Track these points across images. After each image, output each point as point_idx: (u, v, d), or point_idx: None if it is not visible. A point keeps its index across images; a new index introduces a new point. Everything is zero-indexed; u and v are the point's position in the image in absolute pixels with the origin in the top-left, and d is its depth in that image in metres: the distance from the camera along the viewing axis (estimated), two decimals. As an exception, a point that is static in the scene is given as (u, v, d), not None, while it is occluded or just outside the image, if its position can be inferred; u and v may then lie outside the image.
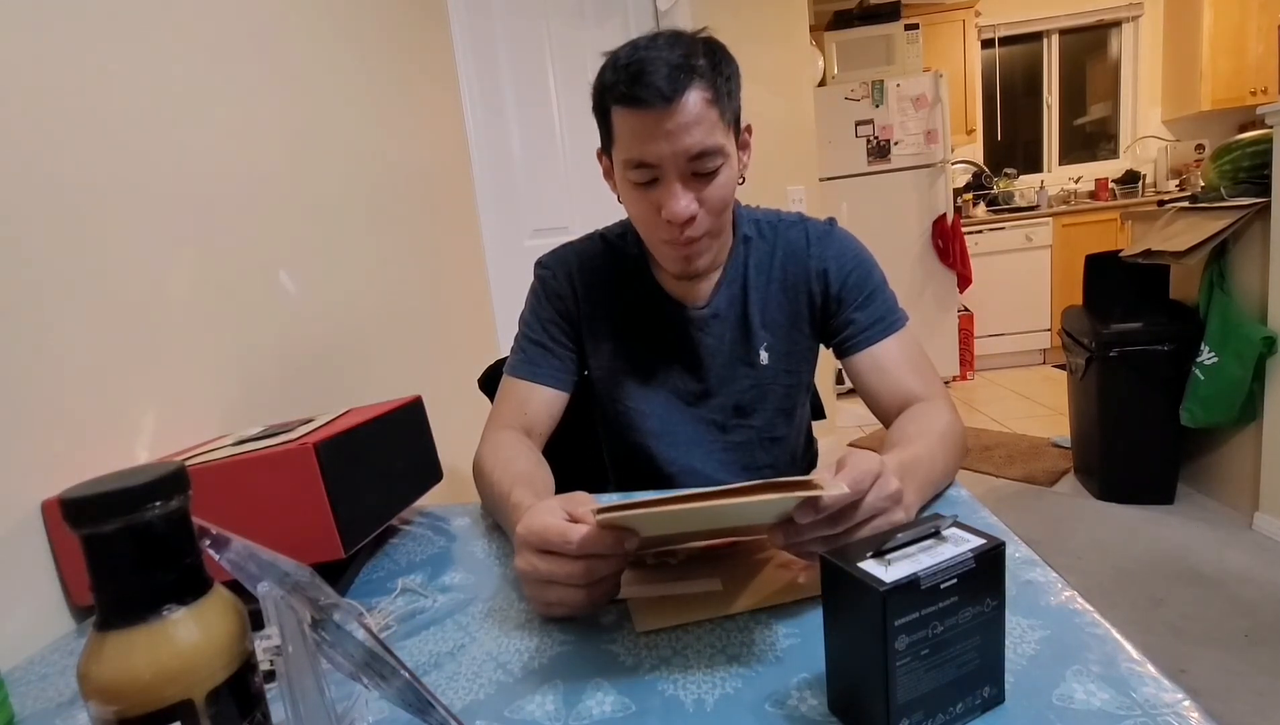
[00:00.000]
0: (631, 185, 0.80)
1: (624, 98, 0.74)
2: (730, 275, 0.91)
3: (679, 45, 0.75)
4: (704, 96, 0.74)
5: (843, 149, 3.87)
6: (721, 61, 0.78)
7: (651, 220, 0.81)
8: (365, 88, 1.42)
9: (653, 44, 0.75)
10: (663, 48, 0.74)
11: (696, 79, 0.74)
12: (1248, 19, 3.80)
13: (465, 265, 1.88)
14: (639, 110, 0.74)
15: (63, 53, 0.75)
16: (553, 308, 0.94)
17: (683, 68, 0.73)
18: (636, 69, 0.73)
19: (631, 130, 0.76)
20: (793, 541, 0.53)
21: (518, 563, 0.56)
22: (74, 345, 0.73)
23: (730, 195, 0.82)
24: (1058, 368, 4.07)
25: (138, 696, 0.31)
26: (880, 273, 0.92)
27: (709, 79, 0.75)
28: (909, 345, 0.89)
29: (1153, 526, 2.20)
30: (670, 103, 0.73)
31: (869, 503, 0.52)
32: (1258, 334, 1.94)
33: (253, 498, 0.66)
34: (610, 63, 0.77)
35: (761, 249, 0.92)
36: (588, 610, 0.57)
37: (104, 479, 0.32)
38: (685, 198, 0.77)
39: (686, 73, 0.73)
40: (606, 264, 0.94)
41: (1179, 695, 0.41)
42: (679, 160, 0.76)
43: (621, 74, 0.74)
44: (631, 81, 0.73)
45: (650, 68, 0.73)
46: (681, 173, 0.77)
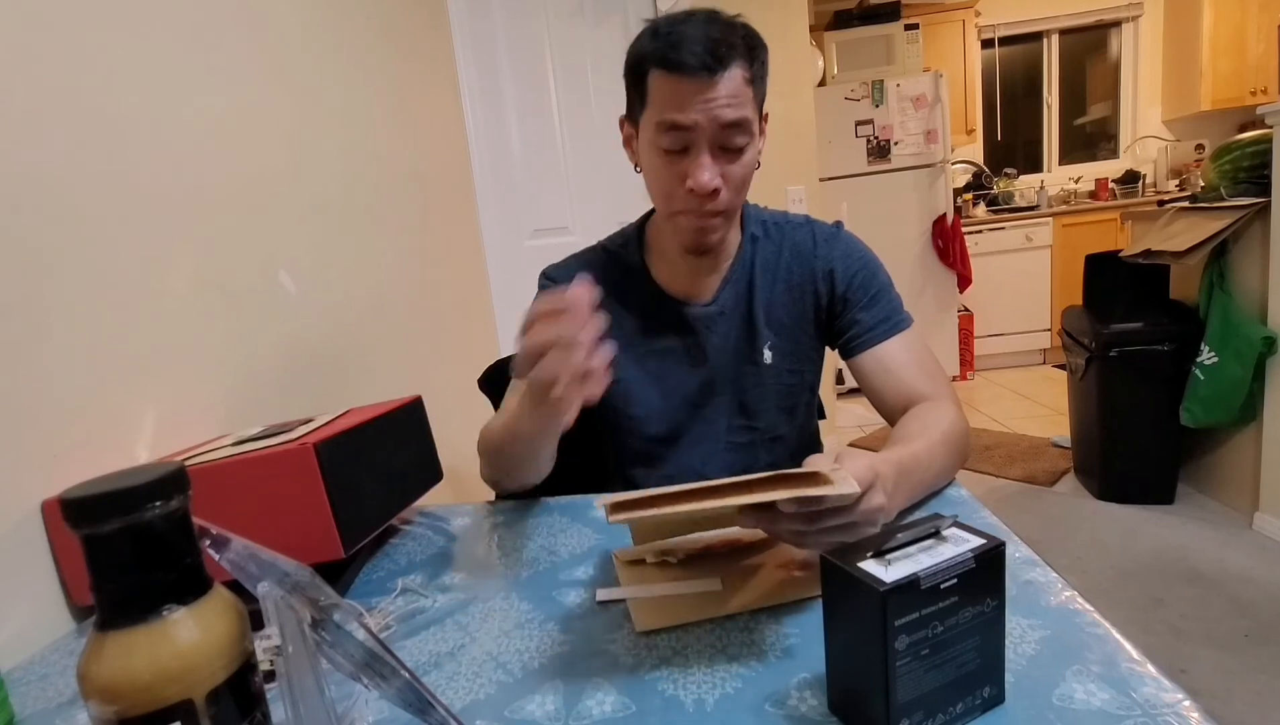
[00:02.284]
0: (659, 151, 0.80)
1: (666, 62, 0.76)
2: (736, 273, 0.92)
3: (718, 23, 0.77)
4: (744, 73, 0.77)
5: (843, 149, 3.87)
6: (757, 46, 0.80)
7: (674, 190, 0.81)
8: (365, 87, 1.42)
9: (691, 19, 0.77)
10: (704, 24, 0.76)
11: (738, 55, 0.76)
12: (1248, 19, 3.80)
13: (465, 265, 1.88)
14: (681, 76, 0.75)
15: (62, 51, 0.75)
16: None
17: (725, 43, 0.75)
18: (679, 38, 0.75)
19: (670, 94, 0.77)
20: (764, 526, 0.54)
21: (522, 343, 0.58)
22: (74, 345, 0.73)
23: (750, 176, 0.83)
24: (1058, 368, 4.07)
25: (138, 696, 0.31)
26: (886, 274, 0.93)
27: (747, 58, 0.77)
28: (915, 345, 0.89)
29: (1153, 526, 2.20)
30: (713, 74, 0.75)
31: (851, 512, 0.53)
32: (1258, 334, 1.94)
33: (253, 498, 0.66)
34: (650, 30, 0.79)
35: (768, 248, 0.93)
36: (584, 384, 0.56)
37: (104, 479, 0.32)
38: (712, 169, 0.78)
39: (729, 48, 0.75)
40: (609, 272, 0.94)
41: (1179, 695, 0.41)
42: (713, 129, 0.77)
43: (664, 40, 0.76)
44: (675, 47, 0.75)
45: (694, 37, 0.74)
46: (712, 143, 0.78)
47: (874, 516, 0.54)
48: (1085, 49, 4.68)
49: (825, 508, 0.51)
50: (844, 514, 0.52)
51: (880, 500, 0.54)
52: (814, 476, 0.49)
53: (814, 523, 0.52)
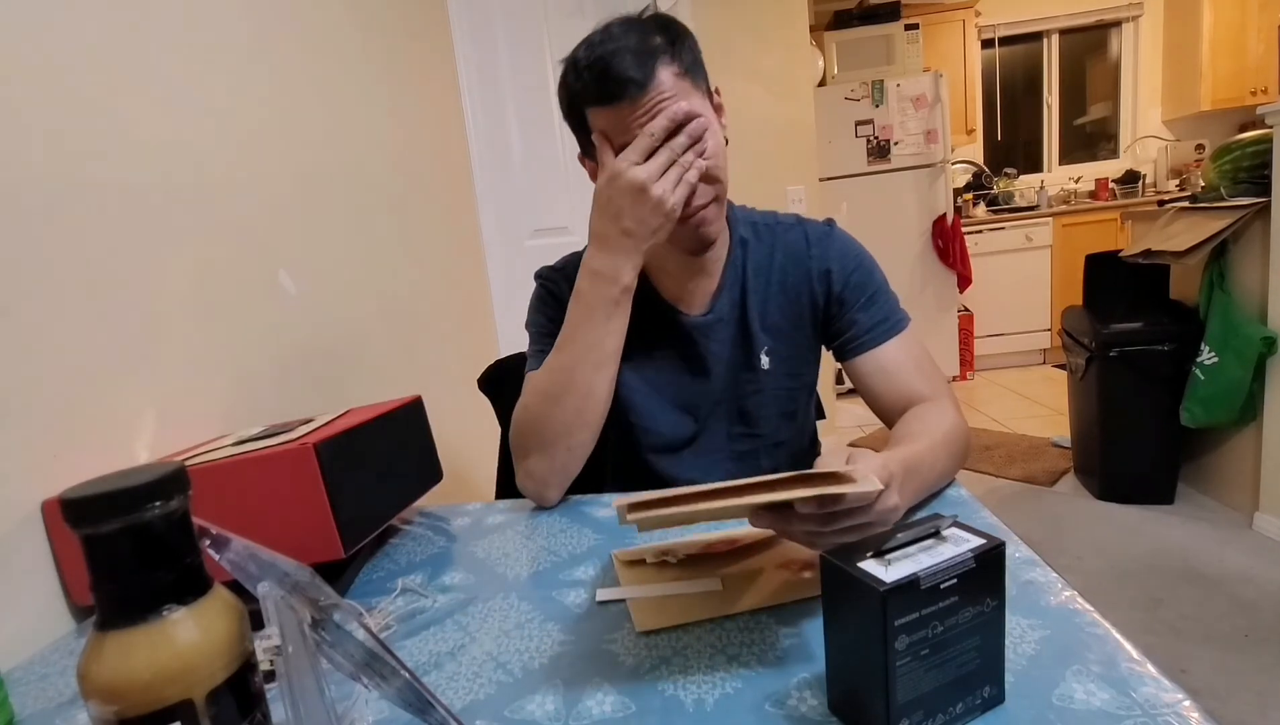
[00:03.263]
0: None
1: (599, 97, 0.76)
2: (730, 279, 0.90)
3: (633, 31, 0.76)
4: (673, 71, 0.76)
5: (843, 149, 3.87)
6: (677, 34, 0.78)
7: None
8: (365, 87, 1.42)
9: (607, 37, 0.76)
10: (619, 37, 0.75)
11: (661, 57, 0.75)
12: (1248, 19, 3.80)
13: (465, 265, 1.88)
14: (617, 105, 0.75)
15: (61, 51, 0.75)
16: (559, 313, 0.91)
17: (642, 50, 0.74)
18: (601, 67, 0.74)
19: (611, 124, 0.77)
20: (777, 527, 0.54)
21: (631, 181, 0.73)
22: (74, 345, 0.73)
23: (723, 159, 0.82)
24: (1058, 368, 4.07)
25: (138, 696, 0.31)
26: (881, 273, 0.91)
27: (671, 53, 0.76)
28: (913, 346, 0.88)
29: (1153, 526, 2.20)
30: (644, 88, 0.74)
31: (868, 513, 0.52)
32: (1258, 334, 1.94)
33: (253, 498, 0.66)
34: (571, 66, 0.78)
35: (759, 251, 0.91)
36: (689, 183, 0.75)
37: (104, 479, 0.32)
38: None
39: (648, 55, 0.74)
40: None
41: (1179, 695, 0.41)
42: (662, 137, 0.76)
43: (587, 75, 0.75)
44: (601, 80, 0.74)
45: (615, 60, 0.73)
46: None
47: (889, 516, 0.54)
48: (1085, 49, 4.68)
49: (843, 508, 0.51)
50: (861, 514, 0.52)
51: (895, 499, 0.54)
52: (833, 476, 0.48)
53: (830, 523, 0.52)
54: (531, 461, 0.84)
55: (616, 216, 0.76)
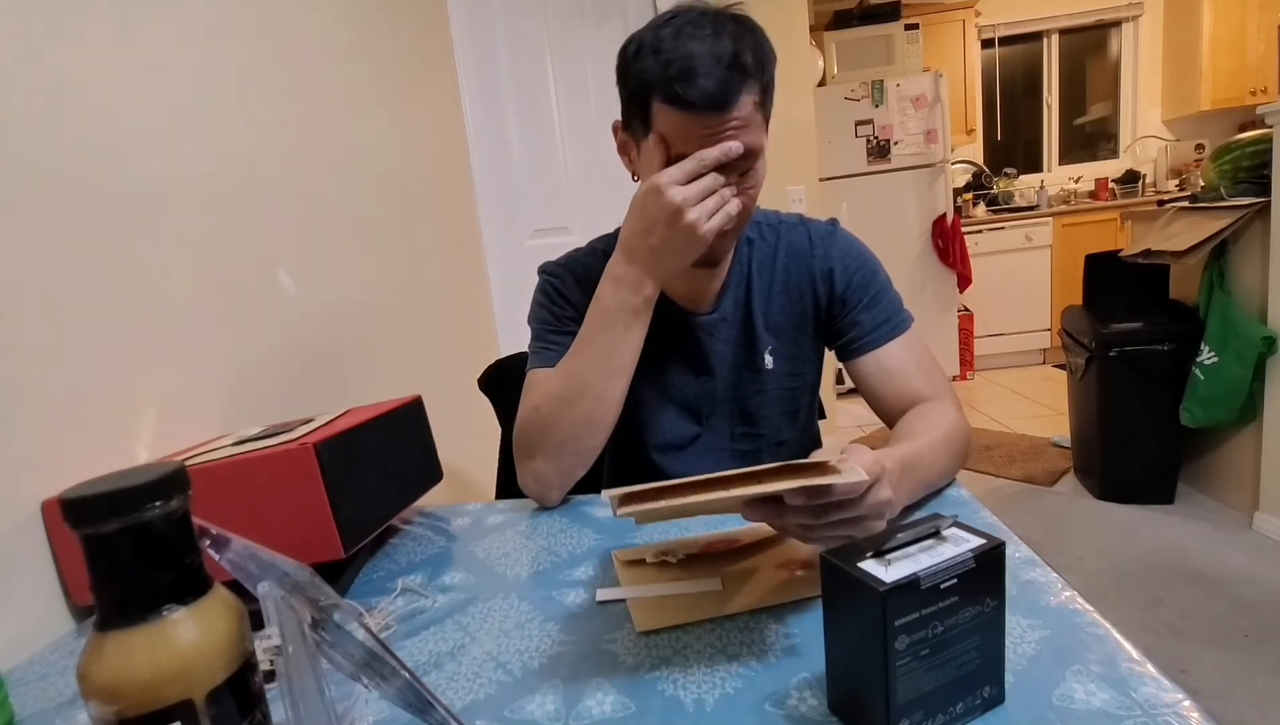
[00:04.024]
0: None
1: (674, 97, 0.71)
2: (735, 278, 0.90)
3: (725, 34, 0.71)
4: (754, 98, 0.72)
5: (843, 149, 3.87)
6: (766, 54, 0.74)
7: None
8: (364, 87, 1.42)
9: (697, 31, 0.71)
10: (709, 38, 0.70)
11: (748, 80, 0.71)
12: (1248, 19, 3.80)
13: (465, 265, 1.88)
14: (689, 112, 0.71)
15: (61, 51, 0.75)
16: (565, 309, 0.92)
17: (734, 67, 0.70)
18: (686, 65, 0.69)
19: (676, 127, 0.73)
20: (770, 520, 0.54)
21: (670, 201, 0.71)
22: (74, 345, 0.73)
23: (759, 190, 0.80)
24: (1058, 368, 4.07)
25: (138, 696, 0.31)
26: (885, 273, 0.91)
27: (757, 78, 0.72)
28: (915, 347, 0.88)
29: (1153, 526, 2.19)
30: (724, 110, 0.70)
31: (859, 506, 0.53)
32: (1258, 334, 1.94)
33: (253, 498, 0.66)
34: (650, 46, 0.72)
35: (763, 250, 0.91)
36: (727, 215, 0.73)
37: (104, 479, 0.32)
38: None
39: (739, 74, 0.70)
40: None
41: (1179, 695, 0.41)
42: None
43: (670, 68, 0.70)
44: (682, 79, 0.69)
45: (701, 66, 0.69)
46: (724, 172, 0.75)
47: (881, 509, 0.54)
48: (1085, 49, 4.68)
49: (832, 500, 0.51)
50: (851, 507, 0.52)
51: (887, 494, 0.54)
52: (820, 466, 0.48)
53: (821, 516, 0.52)
54: (537, 463, 0.83)
55: (647, 231, 0.74)
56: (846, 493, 0.51)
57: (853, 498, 0.51)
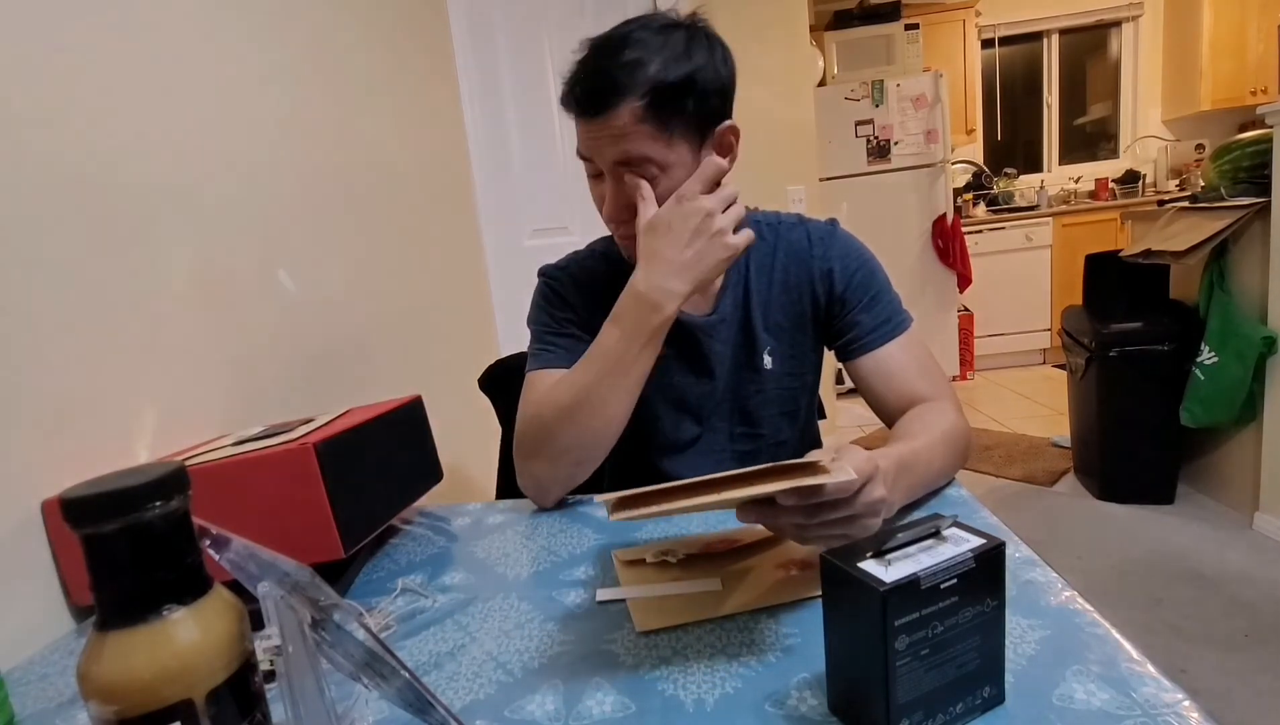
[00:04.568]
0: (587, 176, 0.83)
1: (563, 100, 0.78)
2: (734, 279, 0.90)
3: (635, 46, 0.74)
4: (634, 110, 0.73)
5: (843, 149, 3.87)
6: (679, 66, 0.74)
7: (600, 210, 0.84)
8: (365, 87, 1.42)
9: (606, 43, 0.76)
10: (614, 50, 0.74)
11: (630, 93, 0.72)
12: (1248, 19, 3.80)
13: (465, 265, 1.88)
14: (571, 113, 0.78)
15: (60, 50, 0.75)
16: (564, 311, 0.93)
17: (619, 78, 0.73)
18: (577, 74, 0.76)
19: (576, 129, 0.79)
20: (764, 521, 0.54)
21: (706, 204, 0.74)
22: (74, 345, 0.73)
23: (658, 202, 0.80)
24: (1058, 368, 4.06)
25: (138, 696, 0.31)
26: (884, 274, 0.91)
27: (646, 89, 0.72)
28: (915, 347, 0.87)
29: (1153, 526, 2.19)
30: (597, 115, 0.74)
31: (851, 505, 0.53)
32: (1258, 334, 1.94)
33: (253, 498, 0.66)
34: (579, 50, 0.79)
35: (762, 250, 0.91)
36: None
37: (104, 479, 0.32)
38: (615, 201, 0.79)
39: (620, 85, 0.73)
40: (607, 278, 0.92)
41: (1179, 695, 0.41)
42: (608, 163, 0.78)
43: (569, 73, 0.77)
44: (570, 86, 0.76)
45: (586, 75, 0.75)
46: (613, 175, 0.78)
47: (875, 508, 0.54)
48: (1085, 49, 4.68)
49: (825, 500, 0.51)
50: (844, 507, 0.52)
51: (881, 492, 0.54)
52: (811, 467, 0.49)
53: (814, 516, 0.52)
54: (537, 466, 0.83)
55: (678, 242, 0.75)
56: (837, 492, 0.51)
57: (845, 497, 0.52)
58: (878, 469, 0.54)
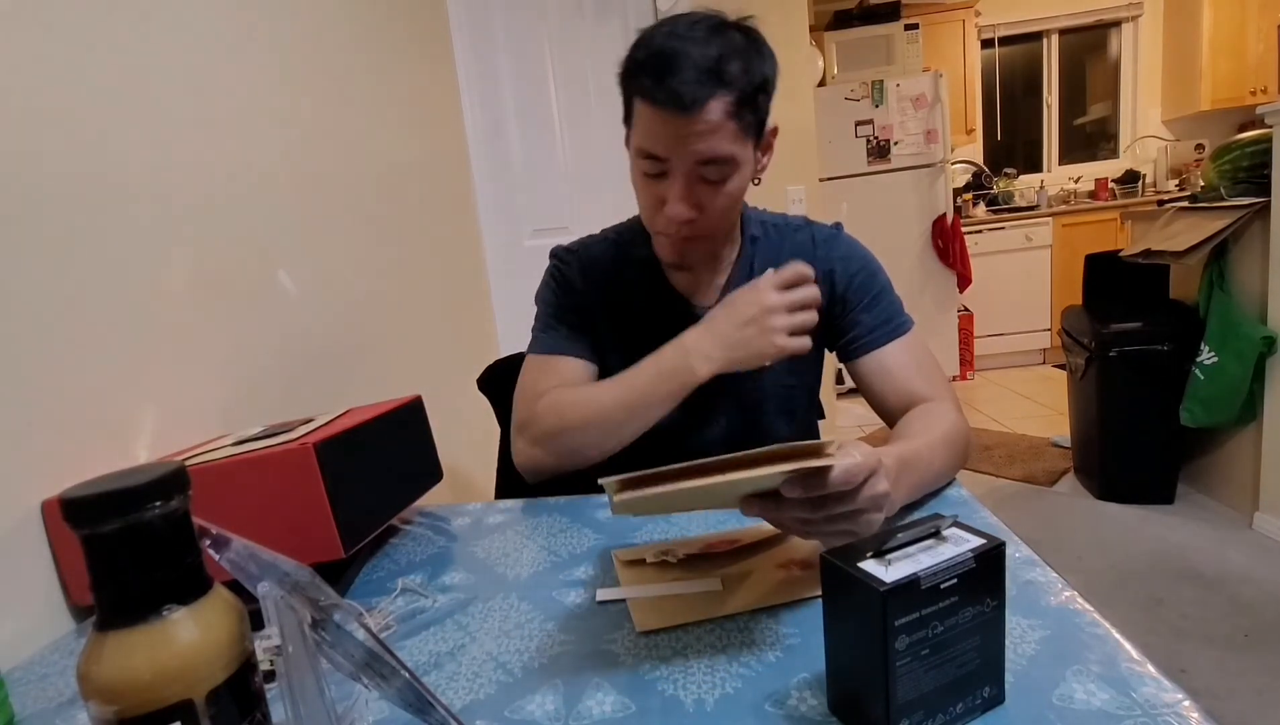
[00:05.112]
0: (640, 172, 0.80)
1: (645, 90, 0.73)
2: (739, 275, 0.91)
3: (716, 41, 0.72)
4: (726, 106, 0.72)
5: (843, 149, 3.87)
6: (756, 65, 0.75)
7: (653, 209, 0.81)
8: (365, 87, 1.42)
9: (690, 33, 0.72)
10: (699, 40, 0.72)
11: (722, 88, 0.72)
12: (1248, 19, 3.80)
13: (465, 265, 1.88)
14: (657, 108, 0.73)
15: (59, 51, 0.75)
16: (570, 296, 0.95)
17: (712, 72, 0.71)
18: (665, 63, 0.71)
19: (647, 124, 0.75)
20: (769, 516, 0.54)
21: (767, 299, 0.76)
22: (74, 345, 0.73)
23: (735, 202, 0.82)
24: (1058, 368, 4.07)
25: (138, 696, 0.31)
26: (886, 277, 0.92)
27: (738, 85, 0.73)
28: (915, 348, 0.88)
29: (1153, 526, 2.19)
30: (691, 111, 0.71)
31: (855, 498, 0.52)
32: (1258, 334, 1.94)
33: (253, 498, 0.66)
34: (644, 41, 0.75)
35: (768, 250, 0.92)
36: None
37: (104, 479, 0.32)
38: (686, 201, 0.77)
39: (714, 79, 0.71)
40: (616, 266, 0.94)
41: (1179, 695, 0.41)
42: (686, 162, 0.75)
43: (649, 64, 0.72)
44: (656, 76, 0.71)
45: (678, 65, 0.70)
46: (688, 175, 0.76)
47: (879, 502, 0.53)
48: (1085, 49, 4.68)
49: (829, 492, 0.50)
50: (848, 499, 0.52)
51: (884, 486, 0.54)
52: (815, 449, 0.48)
53: (818, 508, 0.51)
54: (538, 453, 0.86)
55: (735, 320, 0.78)
56: (842, 483, 0.50)
57: (849, 489, 0.51)
58: (881, 463, 0.54)
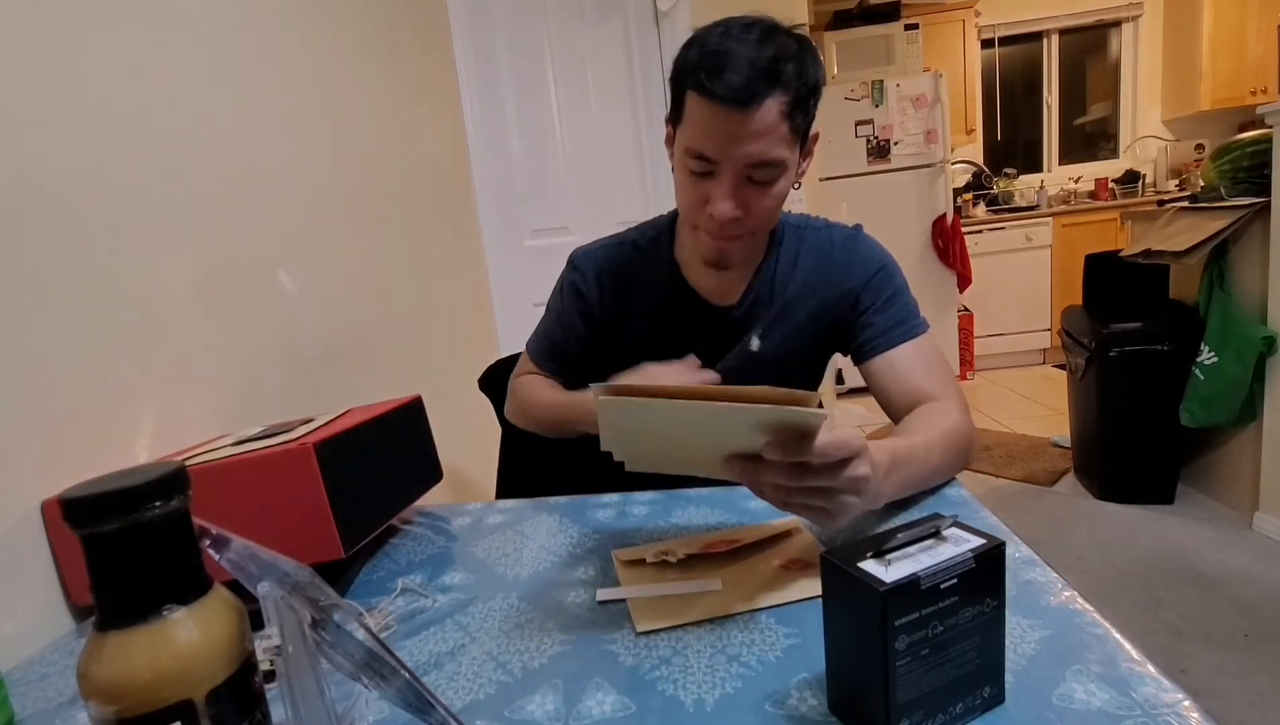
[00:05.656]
0: (686, 170, 0.80)
1: (701, 87, 0.72)
2: (762, 277, 0.92)
3: (770, 43, 0.72)
4: (780, 107, 0.73)
5: (843, 149, 3.87)
6: (809, 69, 0.75)
7: (697, 208, 0.81)
8: (365, 87, 1.42)
9: (745, 35, 0.73)
10: (754, 43, 0.72)
11: (778, 88, 0.72)
12: (1248, 19, 3.80)
13: (465, 265, 1.88)
14: (712, 104, 0.72)
15: (60, 52, 0.75)
16: (576, 310, 0.97)
17: (768, 72, 0.71)
18: (722, 60, 0.71)
19: (700, 121, 0.75)
20: (748, 478, 0.54)
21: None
22: (74, 345, 0.73)
23: (779, 204, 0.82)
24: (1058, 368, 4.06)
25: (138, 696, 0.31)
26: (903, 279, 0.92)
27: (791, 88, 0.73)
28: (927, 350, 0.88)
29: (1153, 526, 2.19)
30: (745, 108, 0.71)
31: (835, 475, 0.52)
32: (1258, 334, 1.94)
33: (253, 498, 0.66)
34: (698, 40, 0.75)
35: (789, 250, 0.93)
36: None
37: (104, 479, 0.32)
38: (733, 200, 0.77)
39: (770, 78, 0.71)
40: (637, 272, 0.95)
41: (1179, 695, 0.41)
42: (737, 164, 0.75)
43: (706, 60, 0.72)
44: (713, 72, 0.71)
45: (734, 63, 0.71)
46: (737, 175, 0.76)
47: (858, 485, 0.53)
48: (1085, 49, 4.68)
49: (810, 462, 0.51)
50: (827, 475, 0.52)
51: (865, 470, 0.54)
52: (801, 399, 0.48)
53: (796, 478, 0.52)
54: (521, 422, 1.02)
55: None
56: (823, 454, 0.50)
57: (829, 463, 0.51)
58: (866, 448, 0.54)
